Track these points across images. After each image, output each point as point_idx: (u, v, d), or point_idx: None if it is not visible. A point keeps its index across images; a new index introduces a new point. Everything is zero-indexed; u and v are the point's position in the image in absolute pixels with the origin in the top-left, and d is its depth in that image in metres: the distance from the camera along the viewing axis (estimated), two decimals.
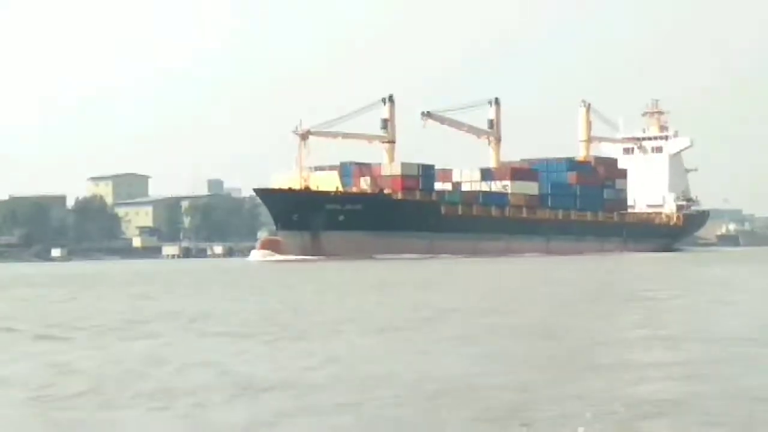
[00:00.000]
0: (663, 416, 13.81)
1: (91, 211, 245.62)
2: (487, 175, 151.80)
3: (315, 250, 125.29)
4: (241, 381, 17.31)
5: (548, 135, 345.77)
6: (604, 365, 18.78)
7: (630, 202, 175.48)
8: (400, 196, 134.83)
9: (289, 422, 13.88)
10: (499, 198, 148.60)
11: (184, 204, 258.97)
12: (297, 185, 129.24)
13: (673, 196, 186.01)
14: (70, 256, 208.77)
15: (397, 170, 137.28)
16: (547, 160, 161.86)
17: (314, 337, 25.08)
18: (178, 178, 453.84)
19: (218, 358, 20.75)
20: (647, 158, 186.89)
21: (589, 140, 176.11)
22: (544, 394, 15.55)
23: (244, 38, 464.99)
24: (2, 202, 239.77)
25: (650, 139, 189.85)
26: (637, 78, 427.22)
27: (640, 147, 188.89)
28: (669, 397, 15.11)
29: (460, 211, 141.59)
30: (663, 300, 37.99)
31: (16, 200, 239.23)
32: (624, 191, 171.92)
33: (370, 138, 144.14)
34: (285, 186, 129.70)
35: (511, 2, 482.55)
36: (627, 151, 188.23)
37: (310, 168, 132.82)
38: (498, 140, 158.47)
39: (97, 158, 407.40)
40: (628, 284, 52.72)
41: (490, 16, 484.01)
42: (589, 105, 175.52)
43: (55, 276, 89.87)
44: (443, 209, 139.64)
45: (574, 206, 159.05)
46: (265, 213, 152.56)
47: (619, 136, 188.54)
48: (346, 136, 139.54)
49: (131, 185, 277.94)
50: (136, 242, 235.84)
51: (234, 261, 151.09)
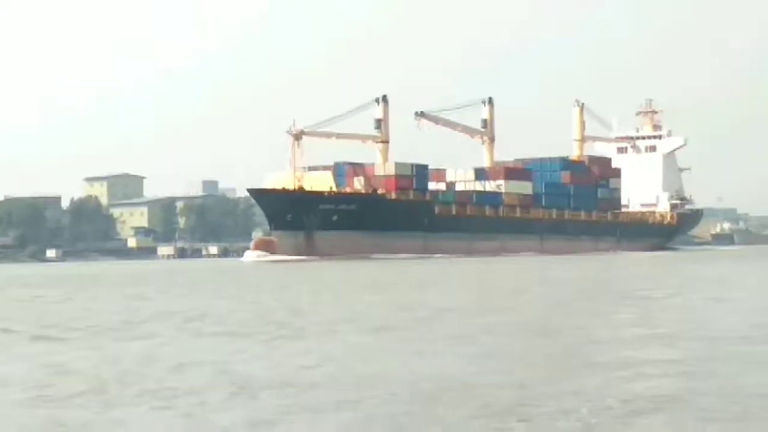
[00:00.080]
0: (658, 412, 13.96)
1: (87, 211, 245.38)
2: (480, 174, 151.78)
3: (309, 250, 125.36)
4: (238, 380, 17.39)
5: (542, 134, 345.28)
6: (599, 363, 18.90)
7: (624, 202, 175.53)
8: (393, 196, 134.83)
9: (288, 420, 13.98)
10: (493, 198, 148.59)
11: (179, 204, 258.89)
12: (291, 185, 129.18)
13: (666, 195, 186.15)
14: (65, 256, 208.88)
15: (390, 170, 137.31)
16: (541, 160, 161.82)
17: (311, 336, 25.16)
18: (173, 178, 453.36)
19: (215, 357, 20.85)
20: (641, 157, 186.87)
21: (583, 140, 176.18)
22: (540, 391, 15.69)
23: (241, 39, 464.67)
24: None
25: (644, 138, 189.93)
26: (631, 77, 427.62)
27: (634, 146, 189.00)
28: (664, 394, 15.25)
29: (453, 211, 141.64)
30: (657, 299, 38.09)
31: (11, 201, 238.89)
32: (618, 190, 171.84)
33: (364, 138, 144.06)
34: (279, 186, 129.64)
35: (508, 3, 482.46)
36: (621, 150, 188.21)
37: (304, 168, 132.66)
38: (492, 140, 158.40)
39: (92, 159, 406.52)
40: (622, 283, 52.71)
41: (486, 17, 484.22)
42: (582, 104, 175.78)
43: (50, 277, 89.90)
44: (437, 209, 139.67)
45: (567, 206, 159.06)
46: (260, 213, 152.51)
47: (612, 135, 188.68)
48: (339, 136, 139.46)
49: (126, 186, 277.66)
50: (131, 243, 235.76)
51: (229, 261, 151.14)
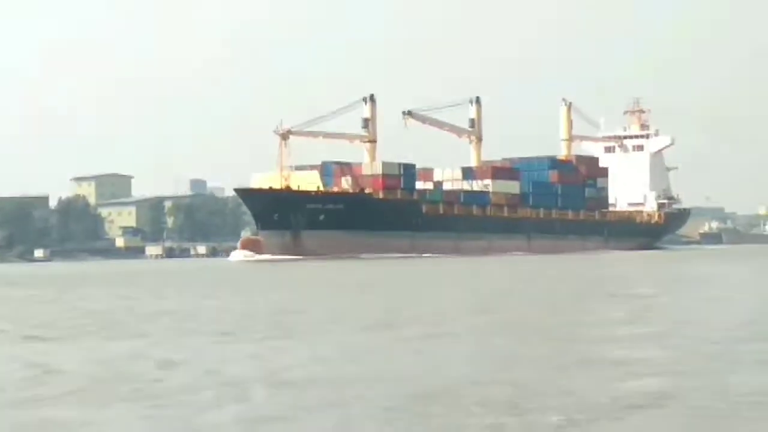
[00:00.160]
0: (646, 409, 14.08)
1: (74, 211, 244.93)
2: (468, 174, 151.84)
3: (296, 249, 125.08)
4: (228, 380, 17.43)
5: (530, 133, 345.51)
6: (588, 361, 19.00)
7: (611, 201, 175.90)
8: (381, 195, 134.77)
9: (281, 420, 14.04)
10: (481, 197, 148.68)
11: (168, 204, 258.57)
12: (278, 185, 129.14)
13: (654, 194, 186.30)
14: (52, 256, 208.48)
15: (378, 170, 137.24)
16: (529, 159, 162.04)
17: (302, 335, 25.24)
18: (161, 178, 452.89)
19: (203, 357, 20.91)
20: (628, 157, 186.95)
21: (571, 139, 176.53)
22: (529, 388, 15.82)
23: (227, 38, 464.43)
24: None
25: (631, 137, 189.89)
26: (618, 76, 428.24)
27: (622, 146, 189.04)
28: (652, 391, 15.37)
29: (441, 210, 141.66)
30: (645, 297, 38.21)
31: None
32: (605, 190, 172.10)
33: (351, 137, 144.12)
34: (266, 186, 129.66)
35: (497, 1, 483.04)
36: (608, 149, 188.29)
37: (291, 167, 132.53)
38: (479, 139, 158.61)
39: (79, 158, 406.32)
40: (611, 282, 52.75)
41: (476, 16, 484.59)
42: (570, 104, 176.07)
43: (37, 276, 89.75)
44: (424, 208, 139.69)
45: (555, 205, 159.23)
46: (249, 213, 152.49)
47: (600, 134, 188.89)
48: (327, 135, 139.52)
49: (114, 185, 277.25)
50: (119, 242, 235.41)
51: (217, 261, 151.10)
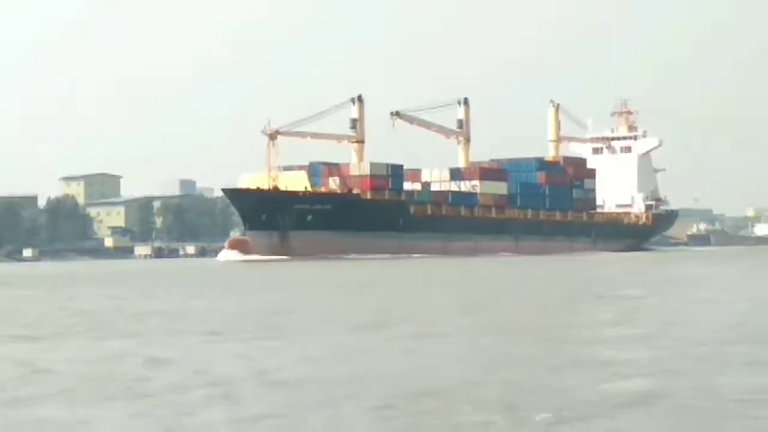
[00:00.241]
0: (633, 407, 14.19)
1: (63, 211, 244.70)
2: (456, 175, 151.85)
3: (283, 250, 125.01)
4: (218, 379, 17.50)
5: (518, 134, 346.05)
6: (576, 362, 19.13)
7: (599, 202, 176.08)
8: (369, 196, 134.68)
9: (272, 419, 14.12)
10: (468, 198, 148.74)
11: (156, 204, 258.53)
12: (265, 185, 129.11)
13: (641, 195, 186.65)
14: (41, 256, 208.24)
15: (365, 170, 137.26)
16: (516, 160, 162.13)
17: (291, 335, 25.30)
18: (150, 178, 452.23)
19: (194, 356, 21.02)
20: (616, 158, 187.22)
21: (559, 140, 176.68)
22: (517, 388, 15.96)
23: (216, 37, 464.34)
24: None
25: (619, 139, 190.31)
26: (606, 77, 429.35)
27: (609, 147, 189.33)
28: (639, 391, 15.50)
29: (429, 211, 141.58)
30: (633, 299, 38.38)
31: None
32: (593, 191, 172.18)
33: (339, 138, 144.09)
34: (253, 186, 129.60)
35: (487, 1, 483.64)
36: (596, 151, 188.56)
37: (279, 168, 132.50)
38: (467, 140, 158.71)
39: (68, 158, 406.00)
40: (599, 284, 52.93)
41: (466, 15, 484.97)
42: (558, 105, 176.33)
43: (25, 276, 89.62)
44: (412, 209, 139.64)
45: (543, 206, 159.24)
46: (238, 213, 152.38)
47: (588, 136, 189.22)
48: (315, 135, 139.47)
49: (103, 185, 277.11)
50: (108, 242, 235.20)
51: (205, 261, 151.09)
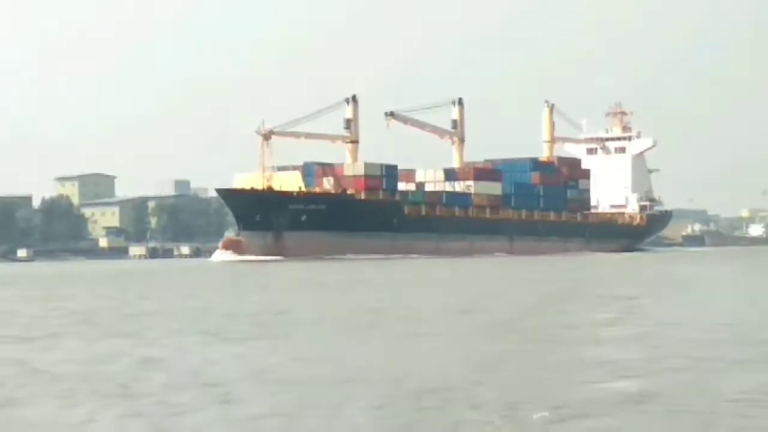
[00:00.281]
0: (627, 407, 14.32)
1: (58, 211, 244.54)
2: (450, 175, 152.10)
3: (277, 250, 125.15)
4: (211, 379, 17.58)
5: (512, 135, 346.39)
6: (571, 362, 19.30)
7: (593, 203, 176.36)
8: (363, 196, 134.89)
9: (267, 418, 14.26)
10: (463, 198, 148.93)
11: (151, 204, 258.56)
12: (260, 185, 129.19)
13: (636, 196, 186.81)
14: (35, 256, 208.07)
15: (360, 170, 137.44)
16: (511, 161, 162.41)
17: (285, 336, 25.37)
18: (144, 178, 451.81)
19: (188, 356, 21.19)
20: (610, 158, 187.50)
21: (553, 140, 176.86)
22: (516, 387, 16.19)
23: (208, 37, 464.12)
24: None
25: (613, 139, 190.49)
26: (600, 78, 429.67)
27: (604, 147, 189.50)
28: (634, 391, 15.61)
29: (423, 212, 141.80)
30: (628, 299, 38.47)
31: None
32: (587, 191, 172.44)
33: (334, 138, 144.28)
34: (248, 186, 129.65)
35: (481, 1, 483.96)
36: (590, 151, 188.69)
37: (273, 168, 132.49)
38: (461, 140, 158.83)
39: (63, 158, 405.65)
40: (593, 284, 53.08)
41: (457, 14, 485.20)
42: (552, 105, 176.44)
43: (20, 276, 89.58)
44: (406, 209, 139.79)
45: (537, 206, 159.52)
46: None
47: (582, 136, 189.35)
48: (309, 136, 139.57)
49: (98, 185, 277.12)
50: (103, 243, 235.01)
51: (199, 261, 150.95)
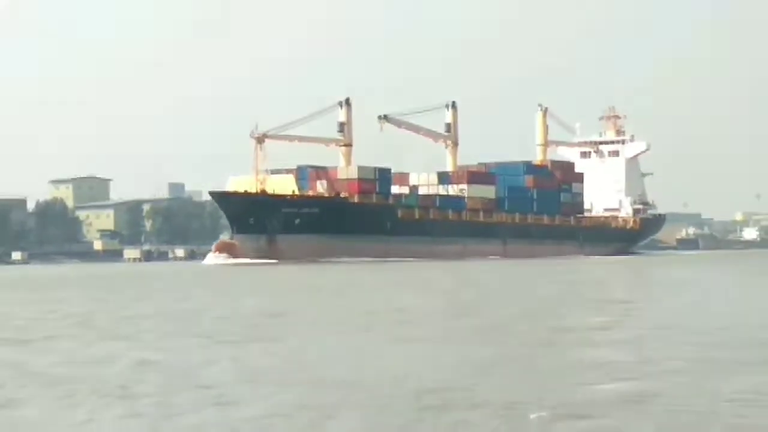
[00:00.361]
0: (625, 407, 14.49)
1: (52, 214, 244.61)
2: (444, 178, 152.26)
3: (271, 253, 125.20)
4: (206, 381, 17.73)
5: (506, 139, 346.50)
6: (568, 364, 19.51)
7: (587, 206, 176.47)
8: (356, 199, 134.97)
9: (262, 420, 14.39)
10: (456, 201, 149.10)
11: (146, 207, 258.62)
12: (253, 189, 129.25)
13: (629, 200, 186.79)
14: (30, 259, 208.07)
15: (353, 174, 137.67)
16: (504, 164, 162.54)
17: (279, 338, 25.51)
18: (139, 181, 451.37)
19: (183, 358, 21.37)
20: (604, 162, 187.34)
21: (546, 144, 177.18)
22: (513, 390, 16.36)
23: (204, 39, 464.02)
24: None
25: (607, 143, 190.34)
26: (594, 81, 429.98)
27: (597, 151, 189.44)
28: (631, 392, 15.80)
29: (416, 215, 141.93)
30: (623, 302, 38.67)
31: None
32: (581, 195, 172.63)
33: (327, 141, 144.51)
34: (241, 189, 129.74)
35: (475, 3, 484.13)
36: (584, 155, 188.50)
37: (267, 171, 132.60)
38: (455, 144, 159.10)
39: (57, 161, 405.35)
40: (588, 288, 53.26)
41: (453, 17, 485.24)
42: (546, 109, 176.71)
43: (14, 279, 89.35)
44: (400, 213, 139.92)
45: (530, 210, 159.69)
46: None
47: (576, 140, 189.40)
48: (302, 139, 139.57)
49: (92, 188, 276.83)
50: (98, 245, 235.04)
51: (194, 264, 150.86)
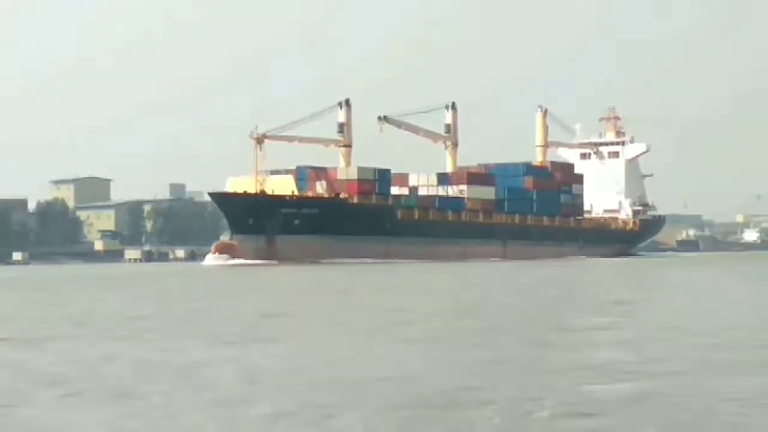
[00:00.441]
0: (623, 408, 14.45)
1: (53, 214, 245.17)
2: (443, 179, 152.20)
3: (270, 254, 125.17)
4: (206, 382, 17.67)
5: (506, 140, 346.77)
6: (566, 364, 19.39)
7: (586, 207, 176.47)
8: (356, 200, 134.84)
9: (261, 421, 14.29)
10: (456, 202, 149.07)
11: (147, 208, 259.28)
12: (253, 189, 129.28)
13: (629, 201, 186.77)
14: (31, 259, 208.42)
15: (353, 174, 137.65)
16: (504, 165, 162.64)
17: (279, 340, 25.48)
18: (140, 182, 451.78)
19: (182, 358, 21.25)
20: (604, 163, 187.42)
21: (546, 145, 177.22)
22: (515, 391, 16.17)
23: (203, 40, 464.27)
24: None
25: (607, 144, 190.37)
26: (594, 83, 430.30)
27: (597, 152, 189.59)
28: (630, 392, 15.76)
29: (416, 216, 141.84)
30: (624, 303, 38.57)
31: None
32: (580, 196, 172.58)
33: (327, 142, 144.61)
34: (241, 190, 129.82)
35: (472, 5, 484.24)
36: (584, 156, 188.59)
37: (266, 172, 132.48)
38: (455, 145, 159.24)
39: (58, 161, 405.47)
40: (589, 289, 53.13)
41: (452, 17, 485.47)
42: (546, 110, 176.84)
43: (15, 280, 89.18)
44: (399, 214, 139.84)
45: (530, 211, 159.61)
46: None
47: (575, 141, 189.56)
48: (302, 140, 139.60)
49: (93, 189, 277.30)
50: (98, 246, 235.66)
51: (193, 265, 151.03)
